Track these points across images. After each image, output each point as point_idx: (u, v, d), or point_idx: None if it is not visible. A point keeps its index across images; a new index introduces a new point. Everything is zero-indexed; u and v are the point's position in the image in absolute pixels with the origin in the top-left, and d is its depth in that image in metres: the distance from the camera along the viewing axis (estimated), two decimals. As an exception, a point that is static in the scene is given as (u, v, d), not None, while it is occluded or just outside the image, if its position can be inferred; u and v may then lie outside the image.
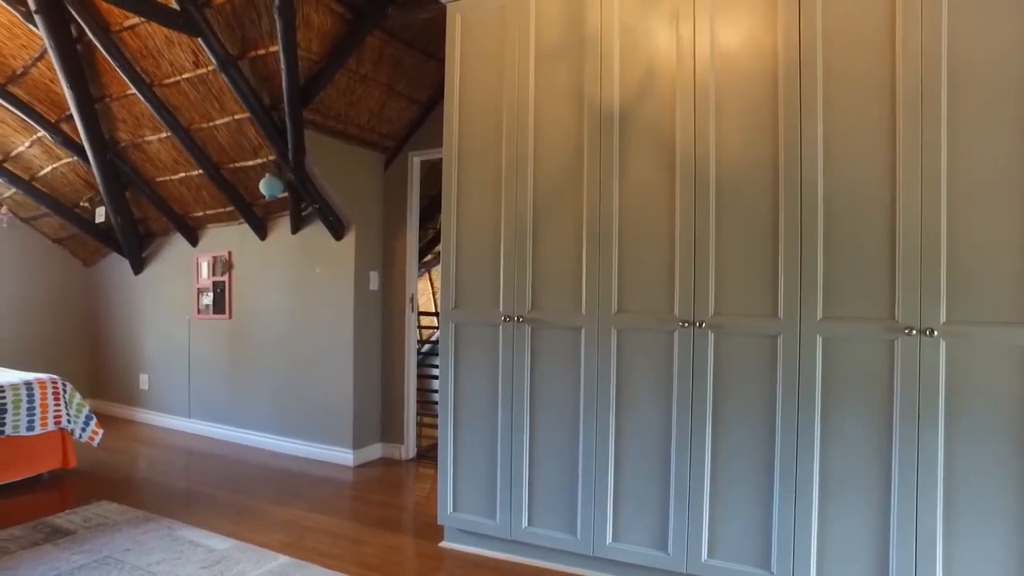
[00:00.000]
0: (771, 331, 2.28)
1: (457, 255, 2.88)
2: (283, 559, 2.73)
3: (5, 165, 4.91)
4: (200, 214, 4.87)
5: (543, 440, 2.70)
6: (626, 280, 2.54)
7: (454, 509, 2.89)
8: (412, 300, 4.38)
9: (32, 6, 3.48)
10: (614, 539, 2.56)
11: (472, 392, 2.84)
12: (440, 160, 4.50)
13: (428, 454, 4.53)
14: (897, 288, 2.10)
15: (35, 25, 3.59)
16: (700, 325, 2.39)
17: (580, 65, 2.62)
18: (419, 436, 4.56)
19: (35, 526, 3.08)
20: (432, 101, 4.28)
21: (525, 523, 2.73)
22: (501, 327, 2.76)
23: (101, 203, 5.00)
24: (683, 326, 2.42)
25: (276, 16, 3.11)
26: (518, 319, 2.72)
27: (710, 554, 2.38)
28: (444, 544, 2.95)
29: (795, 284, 2.24)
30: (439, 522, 2.94)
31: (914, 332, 2.06)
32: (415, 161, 4.37)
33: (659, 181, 2.48)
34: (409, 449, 4.41)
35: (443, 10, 3.02)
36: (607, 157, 2.56)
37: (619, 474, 2.55)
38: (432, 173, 4.87)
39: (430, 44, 3.92)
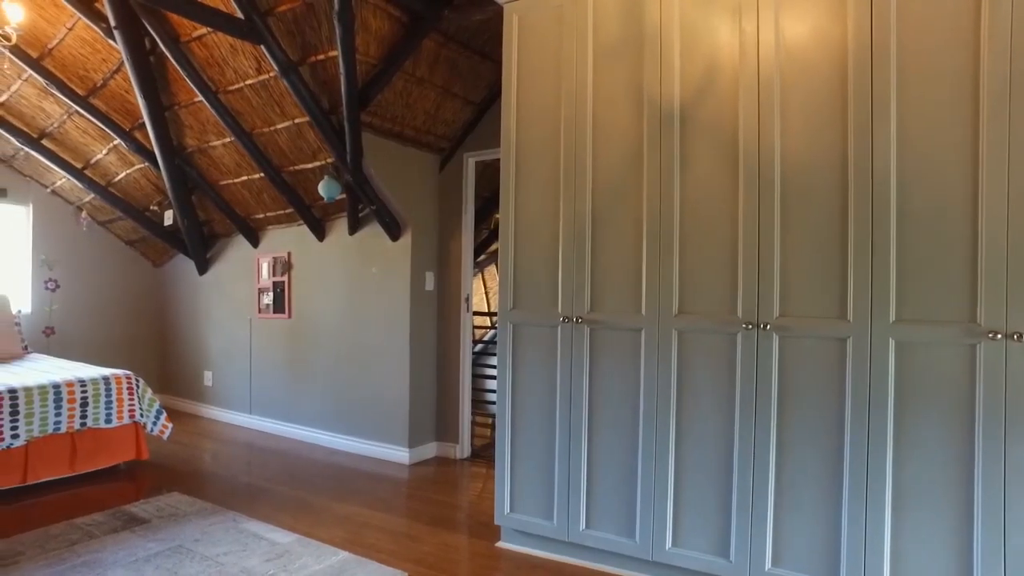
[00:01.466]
0: (840, 334, 2.20)
1: (515, 255, 2.88)
2: (343, 555, 2.79)
3: (85, 172, 5.15)
4: (261, 216, 5.02)
5: (601, 442, 2.67)
6: (687, 281, 2.49)
7: (511, 510, 2.90)
8: (467, 300, 4.41)
9: (112, 22, 3.65)
10: (674, 544, 2.51)
11: (530, 393, 2.84)
12: (494, 161, 4.54)
13: (482, 454, 4.56)
14: (979, 290, 1.99)
15: (114, 40, 3.77)
16: (764, 327, 2.32)
17: (639, 63, 2.58)
18: (472, 436, 4.59)
19: (114, 513, 3.23)
20: (487, 102, 4.30)
21: (583, 525, 2.71)
22: (559, 328, 2.75)
23: (169, 206, 5.20)
24: (746, 328, 2.36)
25: (336, 22, 3.17)
26: (577, 320, 2.71)
27: (774, 563, 2.31)
28: (501, 544, 2.96)
29: (866, 285, 2.15)
30: (496, 522, 2.95)
31: (999, 336, 1.96)
32: (470, 162, 4.40)
33: (721, 179, 2.42)
34: (464, 448, 4.44)
35: (499, 11, 3.02)
36: (667, 155, 2.52)
37: (679, 478, 2.50)
38: (486, 173, 4.89)
39: (485, 45, 3.93)
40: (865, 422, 2.15)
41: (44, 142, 4.96)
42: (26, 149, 4.95)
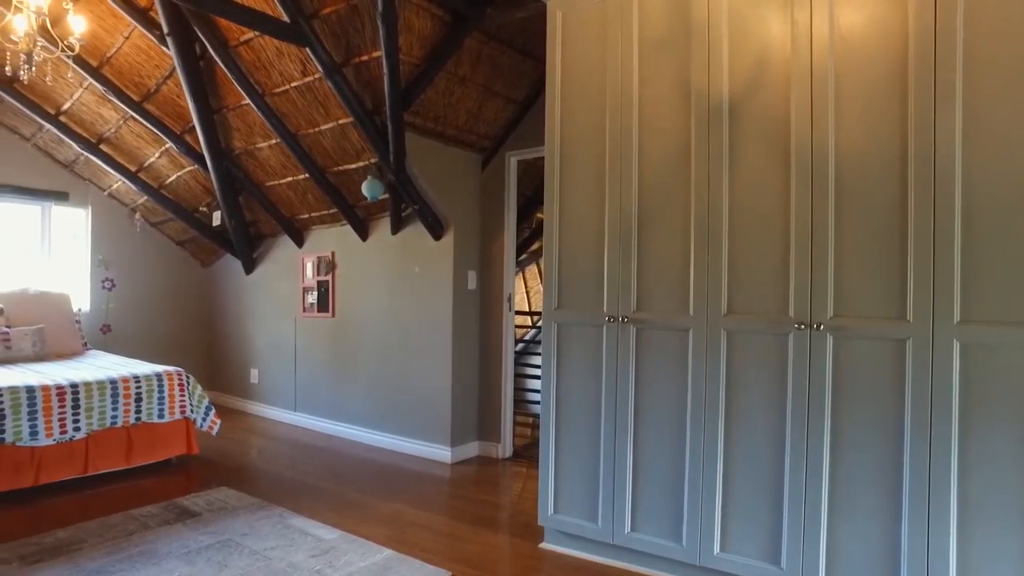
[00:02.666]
0: (899, 335, 2.11)
1: (560, 254, 2.85)
2: (387, 552, 2.80)
3: (139, 175, 5.32)
4: (305, 216, 5.10)
5: (647, 444, 2.63)
6: (737, 280, 2.43)
7: (555, 511, 2.87)
8: (509, 300, 4.40)
9: (165, 29, 3.76)
10: (722, 549, 2.45)
11: (574, 393, 2.81)
12: (536, 160, 4.52)
13: (524, 453, 4.54)
14: (1053, 289, 1.88)
15: (167, 46, 3.88)
16: (817, 327, 2.25)
17: (686, 57, 2.53)
18: (513, 435, 4.58)
19: (167, 506, 3.32)
20: (529, 100, 4.28)
21: (628, 528, 2.67)
22: (605, 327, 2.71)
23: (217, 207, 5.33)
24: (799, 328, 2.28)
25: (379, 22, 3.19)
26: (623, 319, 2.67)
27: (827, 572, 2.23)
28: (544, 545, 2.93)
29: (927, 284, 2.06)
30: (539, 523, 2.93)
31: (1074, 338, 1.85)
32: (512, 161, 4.39)
33: (772, 175, 2.35)
34: (506, 448, 4.43)
35: (542, 8, 3.00)
36: (716, 151, 2.46)
37: (728, 482, 2.44)
38: (528, 172, 4.87)
39: (527, 43, 3.91)
40: (927, 428, 2.06)
41: (102, 147, 5.14)
42: (86, 154, 5.13)
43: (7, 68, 3.27)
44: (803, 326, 2.28)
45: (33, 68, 3.16)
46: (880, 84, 2.15)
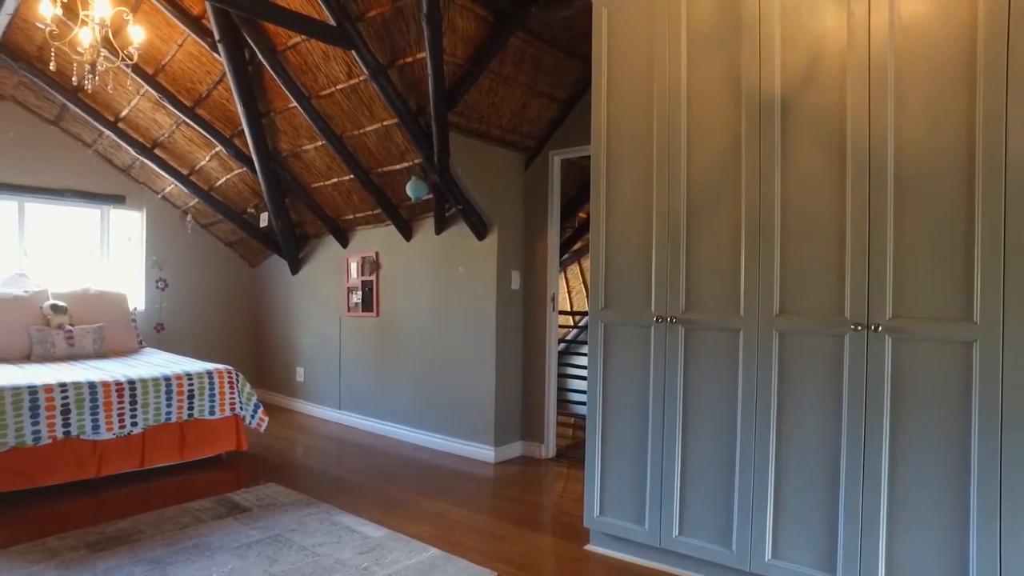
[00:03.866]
0: (965, 337, 2.02)
1: (606, 254, 2.83)
2: (433, 551, 2.82)
3: (191, 178, 5.49)
4: (350, 217, 5.17)
5: (696, 446, 2.58)
6: (789, 279, 2.37)
7: (601, 513, 2.85)
8: (553, 299, 4.39)
9: (216, 35, 3.86)
10: (774, 556, 2.39)
11: (621, 394, 2.78)
12: (579, 158, 4.49)
13: (567, 454, 4.52)
14: None
15: (218, 53, 3.98)
16: (875, 329, 2.17)
17: (737, 52, 2.48)
18: (556, 436, 4.56)
19: (219, 501, 3.40)
20: (572, 99, 4.26)
21: (676, 532, 2.63)
22: (653, 328, 2.68)
23: (264, 209, 5.46)
24: (855, 329, 2.21)
25: (424, 24, 3.21)
26: (671, 320, 2.62)
27: (888, 582, 2.16)
28: (590, 547, 2.91)
29: (996, 284, 1.97)
30: (585, 524, 2.91)
31: None
32: (556, 160, 4.37)
33: (827, 173, 2.29)
34: (549, 448, 4.42)
35: (586, 6, 2.98)
36: (768, 148, 2.40)
37: (780, 486, 2.38)
38: (570, 171, 4.85)
39: (571, 42, 3.89)
40: (997, 434, 1.97)
41: (156, 151, 5.30)
42: (141, 159, 5.31)
43: (73, 79, 3.40)
44: (860, 327, 2.20)
45: (96, 77, 3.28)
46: (944, 75, 2.06)
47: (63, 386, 3.49)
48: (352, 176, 4.56)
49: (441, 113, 3.63)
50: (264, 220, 5.55)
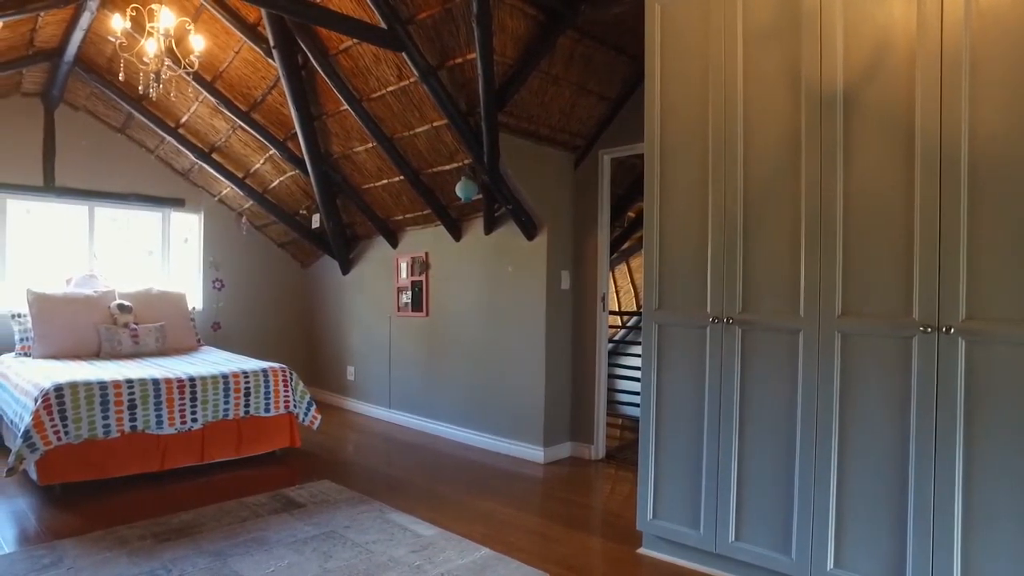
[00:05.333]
0: (1046, 339, 1.91)
1: (660, 253, 2.78)
2: (485, 551, 2.82)
3: (246, 181, 5.65)
4: (400, 218, 5.23)
5: (753, 450, 2.52)
6: (852, 279, 2.28)
7: (654, 516, 2.80)
8: (603, 299, 4.35)
9: (271, 42, 3.96)
10: (836, 565, 2.31)
11: (675, 396, 2.73)
12: (628, 157, 4.44)
13: (617, 455, 4.48)
14: None
15: (272, 58, 4.08)
16: (947, 331, 2.07)
17: (796, 46, 2.40)
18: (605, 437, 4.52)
19: (274, 496, 3.49)
20: (622, 98, 4.22)
21: (732, 537, 2.57)
22: (708, 329, 2.62)
23: (316, 210, 5.57)
24: (924, 331, 2.12)
25: (474, 24, 3.22)
26: (727, 320, 2.57)
27: (962, 596, 2.06)
28: (642, 551, 2.87)
29: (1081, 284, 1.86)
30: (638, 527, 2.87)
31: None
32: (605, 159, 4.33)
33: (893, 169, 2.20)
34: (598, 449, 4.38)
35: (638, 2, 2.94)
36: (829, 145, 2.32)
37: (843, 493, 2.30)
38: (619, 170, 4.80)
39: (620, 39, 3.85)
40: (1081, 442, 1.85)
41: (214, 155, 5.48)
42: (200, 163, 5.49)
43: (140, 87, 3.54)
44: (930, 329, 2.11)
45: (161, 85, 3.40)
46: None
47: (130, 382, 3.63)
48: (402, 177, 4.62)
49: (491, 113, 3.63)
50: (316, 221, 5.67)
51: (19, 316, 4.84)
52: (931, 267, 2.11)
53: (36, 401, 3.38)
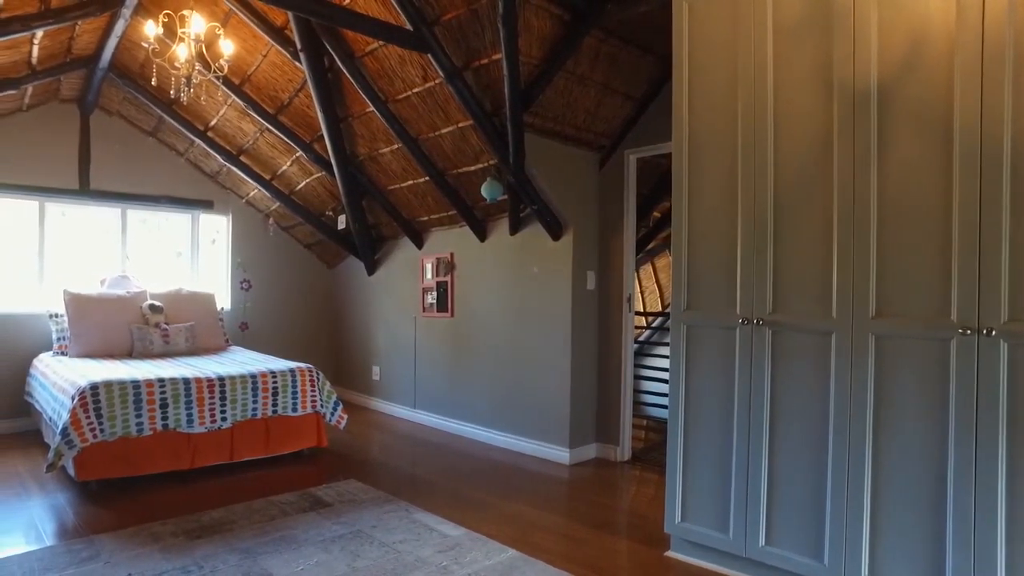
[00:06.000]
0: (1093, 342, 1.85)
1: (688, 253, 2.75)
2: (511, 552, 2.81)
3: (273, 182, 5.72)
4: (425, 218, 5.25)
5: (784, 454, 2.48)
6: (887, 280, 2.23)
7: (682, 519, 2.77)
8: (629, 300, 4.32)
9: (298, 45, 4.00)
10: (871, 572, 2.26)
11: (704, 398, 2.70)
12: (654, 157, 4.41)
13: (643, 457, 4.44)
14: None
15: (299, 61, 4.12)
16: (988, 333, 2.02)
17: (828, 42, 2.36)
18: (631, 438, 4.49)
19: (302, 495, 3.52)
20: (647, 97, 4.18)
21: (762, 541, 2.53)
22: (738, 330, 2.59)
23: (342, 211, 5.62)
24: (963, 334, 2.06)
25: (500, 25, 3.22)
26: (757, 322, 2.53)
27: (1003, 605, 2.00)
28: (670, 554, 2.84)
29: None
30: (665, 530, 2.84)
31: None
32: (631, 159, 4.30)
33: (930, 167, 2.14)
34: (624, 451, 4.35)
35: (665, 1, 2.90)
36: (862, 143, 2.27)
37: (877, 499, 2.25)
38: (645, 170, 4.76)
39: (646, 38, 3.82)
40: None
41: (241, 157, 5.56)
42: (228, 165, 5.57)
43: (171, 91, 3.60)
44: (969, 331, 2.05)
45: (191, 89, 3.46)
46: (1067, 58, 1.90)
47: (161, 381, 3.70)
48: (427, 178, 4.63)
49: (516, 114, 3.63)
50: (342, 222, 5.71)
51: (56, 316, 4.96)
52: (970, 267, 2.05)
53: (73, 399, 3.46)
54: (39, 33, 3.89)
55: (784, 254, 2.48)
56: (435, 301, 5.29)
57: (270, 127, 4.91)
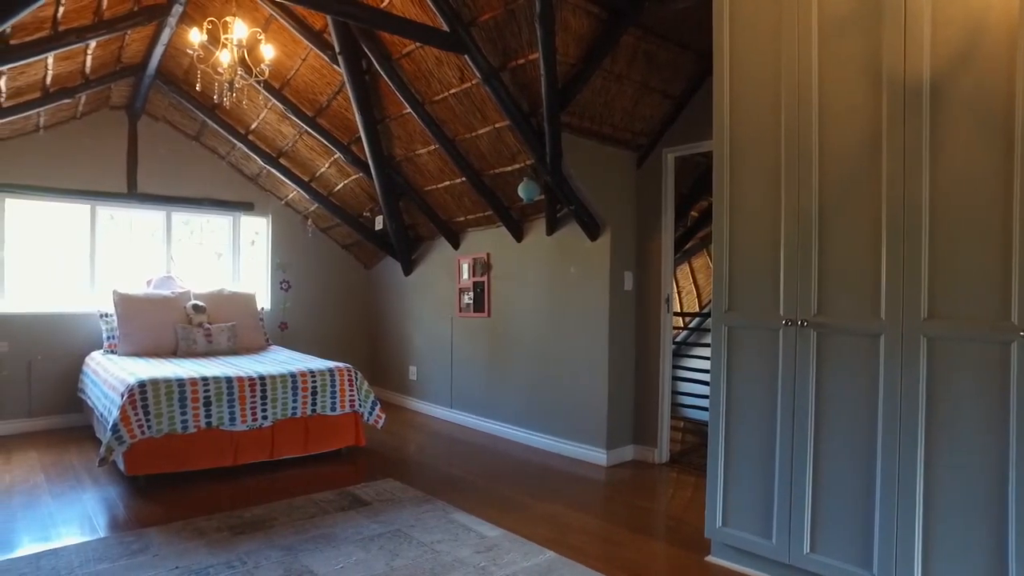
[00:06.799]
0: None
1: (730, 252, 2.70)
2: (549, 554, 2.80)
3: (311, 184, 5.81)
4: (462, 219, 5.27)
5: (830, 459, 2.41)
6: (940, 280, 2.15)
7: (723, 524, 2.72)
8: (667, 301, 4.26)
9: (337, 48, 4.05)
10: (923, 582, 2.19)
11: (746, 400, 2.65)
12: (692, 156, 4.34)
13: (681, 459, 4.38)
14: None
15: (337, 64, 4.18)
16: (1049, 335, 1.93)
17: (877, 35, 2.28)
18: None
19: (341, 493, 3.56)
20: (686, 95, 4.12)
21: (807, 548, 2.47)
22: (781, 331, 2.53)
23: (379, 212, 5.67)
24: (1024, 336, 1.97)
25: (537, 25, 3.21)
26: (801, 323, 2.47)
27: (1066, 620, 1.91)
28: (711, 559, 2.79)
29: None
30: (706, 535, 2.79)
31: None
32: (669, 158, 4.24)
33: (988, 161, 2.06)
34: (662, 453, 4.30)
35: (706, -4, 2.86)
36: (913, 139, 2.20)
37: (930, 507, 2.17)
38: (683, 169, 4.70)
39: (684, 35, 3.77)
40: None
41: (281, 160, 5.66)
42: (268, 167, 5.68)
43: (215, 96, 3.69)
44: (1030, 333, 1.97)
45: (234, 94, 3.53)
46: None
47: (205, 380, 3.78)
48: (464, 179, 4.65)
49: (554, 114, 3.61)
50: (379, 223, 5.77)
51: (106, 316, 5.12)
52: (1030, 267, 1.97)
53: (122, 396, 3.56)
54: (92, 44, 4.03)
55: (830, 254, 2.41)
56: (471, 301, 5.30)
57: (309, 129, 4.99)
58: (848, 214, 2.37)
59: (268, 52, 3.68)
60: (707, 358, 5.60)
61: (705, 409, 5.37)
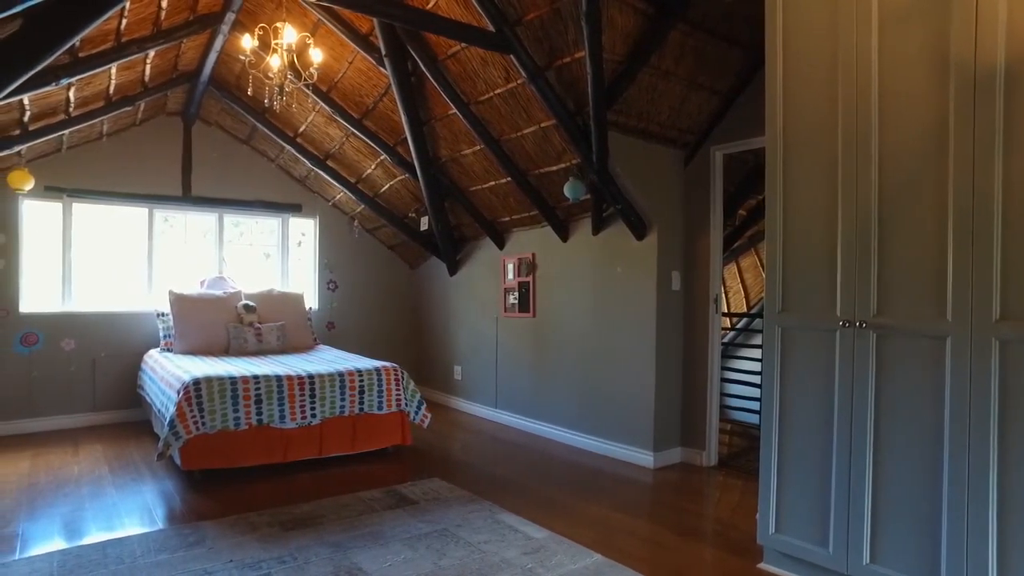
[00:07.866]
0: None
1: (784, 252, 2.62)
2: (597, 557, 2.77)
3: (358, 185, 5.90)
4: (507, 219, 5.27)
5: (892, 466, 2.31)
6: (1014, 280, 2.04)
7: (776, 530, 2.64)
8: (716, 301, 4.18)
9: (383, 51, 4.10)
10: (994, 597, 2.08)
11: (800, 404, 2.56)
12: (741, 153, 4.24)
13: (729, 463, 4.29)
14: None
15: (384, 67, 4.22)
16: None
17: (944, 21, 2.18)
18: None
19: (388, 492, 3.60)
20: (734, 91, 4.03)
21: (866, 558, 2.37)
22: (838, 333, 2.44)
23: (424, 213, 5.72)
24: (1105, 339, 1.86)
25: (583, 23, 3.18)
26: (860, 324, 2.37)
27: None
28: (763, 566, 2.72)
29: None
30: (758, 541, 2.72)
31: None
32: (717, 156, 4.15)
33: (1064, 153, 1.94)
34: (711, 456, 4.21)
35: (758, -12, 2.78)
36: (984, 131, 2.09)
37: (1005, 517, 2.06)
38: (731, 166, 4.60)
39: (733, 30, 3.68)
40: None
41: (328, 162, 5.76)
42: (315, 169, 5.79)
43: (265, 100, 3.77)
44: (1112, 336, 1.85)
45: (284, 98, 3.60)
46: None
47: (256, 378, 3.87)
48: (509, 179, 4.64)
49: (600, 112, 3.57)
50: (424, 224, 5.82)
51: (163, 315, 5.30)
52: (1114, 265, 1.85)
53: (178, 393, 3.68)
54: (151, 53, 4.18)
55: (891, 252, 2.31)
56: (517, 301, 5.30)
57: (355, 132, 5.06)
58: (911, 210, 2.27)
59: (316, 56, 3.74)
60: (756, 359, 5.48)
61: (753, 412, 5.24)
